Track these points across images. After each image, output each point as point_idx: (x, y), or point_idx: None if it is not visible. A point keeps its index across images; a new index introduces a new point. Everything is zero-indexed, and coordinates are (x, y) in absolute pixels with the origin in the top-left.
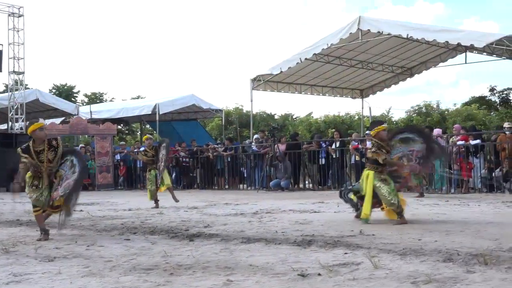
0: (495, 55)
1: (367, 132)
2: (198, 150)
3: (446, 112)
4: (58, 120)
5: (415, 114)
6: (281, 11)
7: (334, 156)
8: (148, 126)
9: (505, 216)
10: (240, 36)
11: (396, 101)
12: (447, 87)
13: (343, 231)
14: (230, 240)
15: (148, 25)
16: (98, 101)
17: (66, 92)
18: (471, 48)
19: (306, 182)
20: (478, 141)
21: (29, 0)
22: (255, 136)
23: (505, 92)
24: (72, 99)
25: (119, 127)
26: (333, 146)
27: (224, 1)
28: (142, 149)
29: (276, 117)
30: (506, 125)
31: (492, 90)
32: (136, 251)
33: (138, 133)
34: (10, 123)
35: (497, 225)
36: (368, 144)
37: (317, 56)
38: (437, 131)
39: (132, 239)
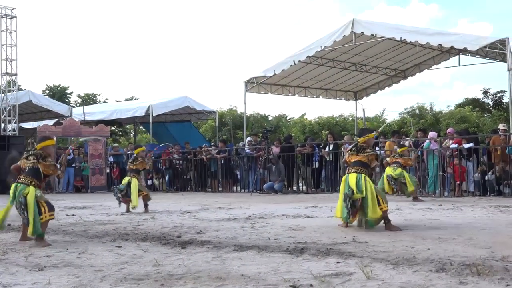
0: (488, 58)
1: (356, 137)
2: (192, 152)
3: (439, 114)
4: (51, 122)
5: (408, 116)
6: (275, 13)
7: (327, 159)
8: (141, 127)
9: (497, 222)
10: (234, 38)
11: (389, 102)
12: (441, 88)
13: (336, 238)
14: (222, 248)
15: (142, 27)
16: (91, 102)
17: (59, 93)
18: (465, 51)
19: (300, 184)
20: (471, 144)
21: (22, 1)
22: (248, 138)
23: (498, 95)
24: (66, 100)
25: (113, 128)
26: (327, 149)
27: (218, 3)
28: (134, 157)
29: (270, 118)
30: (500, 126)
31: (485, 92)
32: (127, 260)
33: (131, 135)
34: (2, 125)
35: (490, 232)
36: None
37: (311, 59)
38: (432, 134)
39: (123, 246)
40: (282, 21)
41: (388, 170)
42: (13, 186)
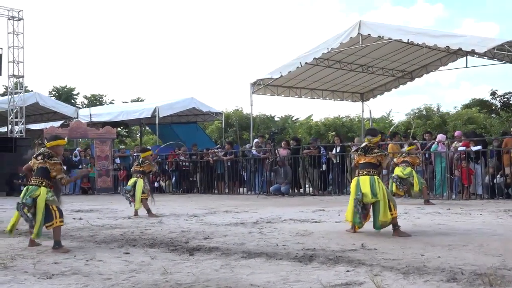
0: (496, 59)
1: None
2: (198, 154)
3: (446, 115)
4: (57, 124)
5: (415, 117)
6: (280, 14)
7: (334, 161)
8: (148, 128)
9: (507, 227)
10: (240, 40)
11: (396, 103)
12: (447, 89)
13: (345, 244)
14: (231, 255)
15: (148, 28)
16: (98, 103)
17: (66, 94)
18: (472, 53)
19: (307, 186)
20: (479, 147)
21: (28, 3)
22: (255, 140)
23: (506, 96)
24: (72, 101)
25: (119, 129)
26: (334, 151)
27: (225, 5)
28: (141, 160)
29: (276, 119)
30: None
31: (493, 94)
32: (136, 267)
33: (137, 136)
34: (9, 126)
35: (500, 239)
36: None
37: (317, 60)
38: (440, 136)
39: (131, 253)
40: (287, 21)
41: (397, 171)
42: (24, 189)
